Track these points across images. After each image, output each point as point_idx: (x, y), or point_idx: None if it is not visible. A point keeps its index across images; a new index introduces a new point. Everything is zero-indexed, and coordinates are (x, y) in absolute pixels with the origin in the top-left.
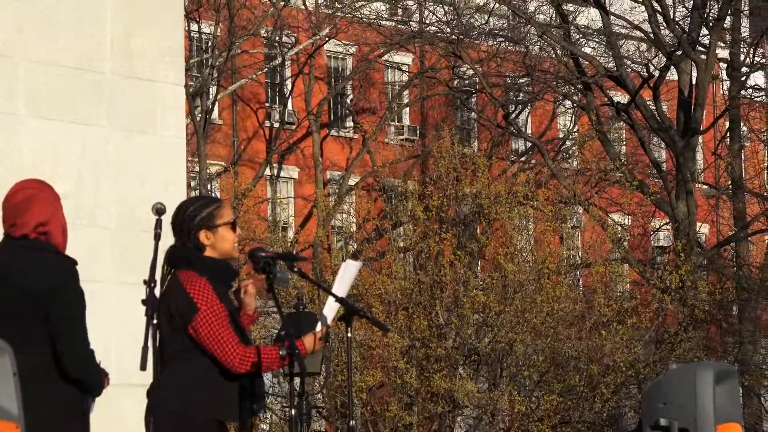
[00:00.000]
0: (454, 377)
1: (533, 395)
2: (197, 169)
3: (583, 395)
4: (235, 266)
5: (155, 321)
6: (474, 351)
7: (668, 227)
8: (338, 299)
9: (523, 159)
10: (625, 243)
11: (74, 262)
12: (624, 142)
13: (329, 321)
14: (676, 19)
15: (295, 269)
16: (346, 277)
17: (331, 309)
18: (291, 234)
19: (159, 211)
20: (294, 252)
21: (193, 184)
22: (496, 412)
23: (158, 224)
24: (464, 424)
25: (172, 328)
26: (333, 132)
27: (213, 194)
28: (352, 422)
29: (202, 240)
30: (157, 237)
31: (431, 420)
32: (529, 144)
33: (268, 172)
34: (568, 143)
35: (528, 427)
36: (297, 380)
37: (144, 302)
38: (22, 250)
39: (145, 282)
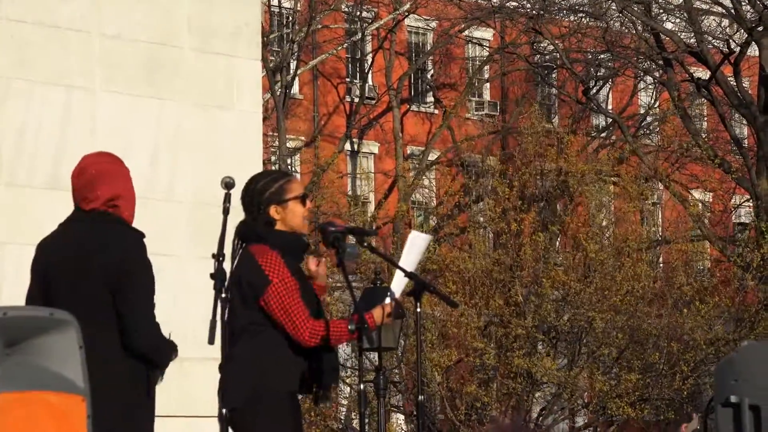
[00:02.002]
0: (532, 355)
1: (612, 372)
2: (277, 143)
3: (663, 372)
4: (306, 240)
5: (224, 294)
6: (552, 328)
7: (749, 204)
8: (406, 273)
9: (603, 135)
10: (706, 220)
11: (142, 235)
12: (704, 119)
13: (397, 295)
14: None
15: (365, 244)
16: (413, 250)
17: (399, 283)
18: (371, 209)
19: (228, 185)
20: (374, 226)
21: (273, 159)
22: (574, 389)
23: (227, 198)
24: (542, 400)
25: (243, 301)
26: (413, 107)
27: (293, 169)
28: (421, 397)
29: (272, 214)
30: (226, 211)
31: (509, 396)
32: (609, 120)
33: (348, 147)
34: (648, 119)
35: (606, 404)
36: (375, 355)
37: (212, 276)
38: (92, 223)
39: (213, 256)
